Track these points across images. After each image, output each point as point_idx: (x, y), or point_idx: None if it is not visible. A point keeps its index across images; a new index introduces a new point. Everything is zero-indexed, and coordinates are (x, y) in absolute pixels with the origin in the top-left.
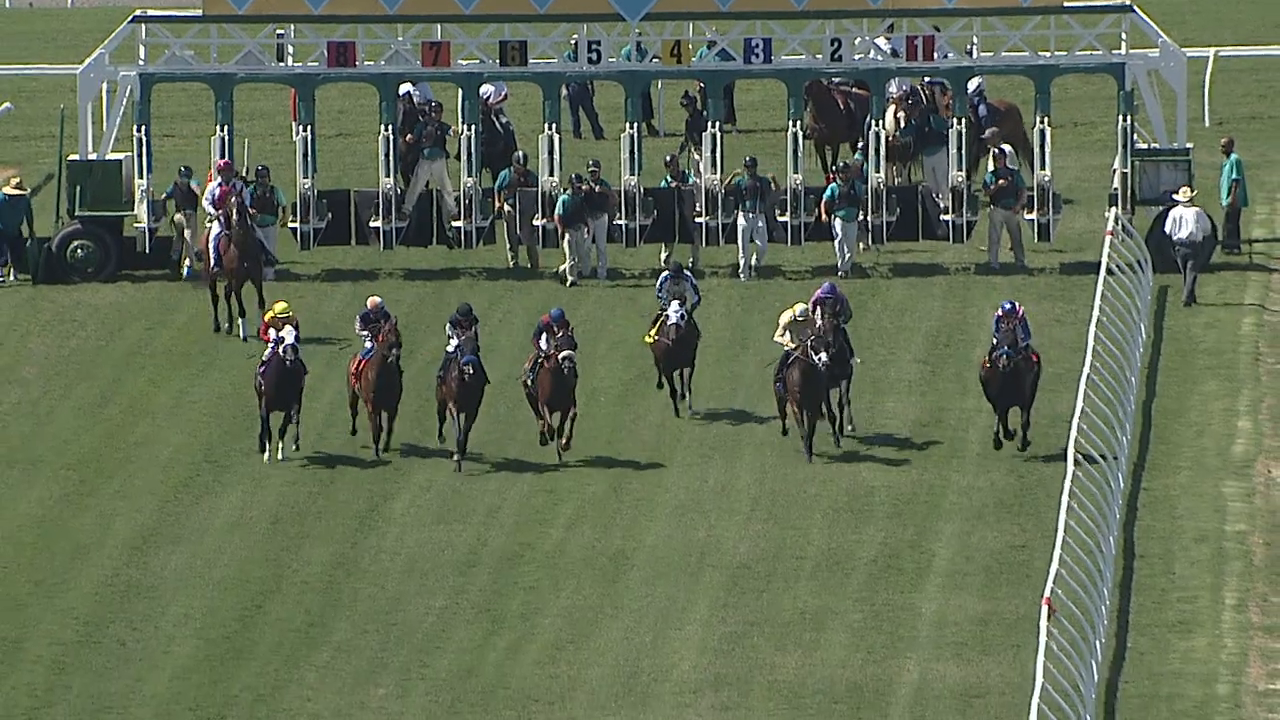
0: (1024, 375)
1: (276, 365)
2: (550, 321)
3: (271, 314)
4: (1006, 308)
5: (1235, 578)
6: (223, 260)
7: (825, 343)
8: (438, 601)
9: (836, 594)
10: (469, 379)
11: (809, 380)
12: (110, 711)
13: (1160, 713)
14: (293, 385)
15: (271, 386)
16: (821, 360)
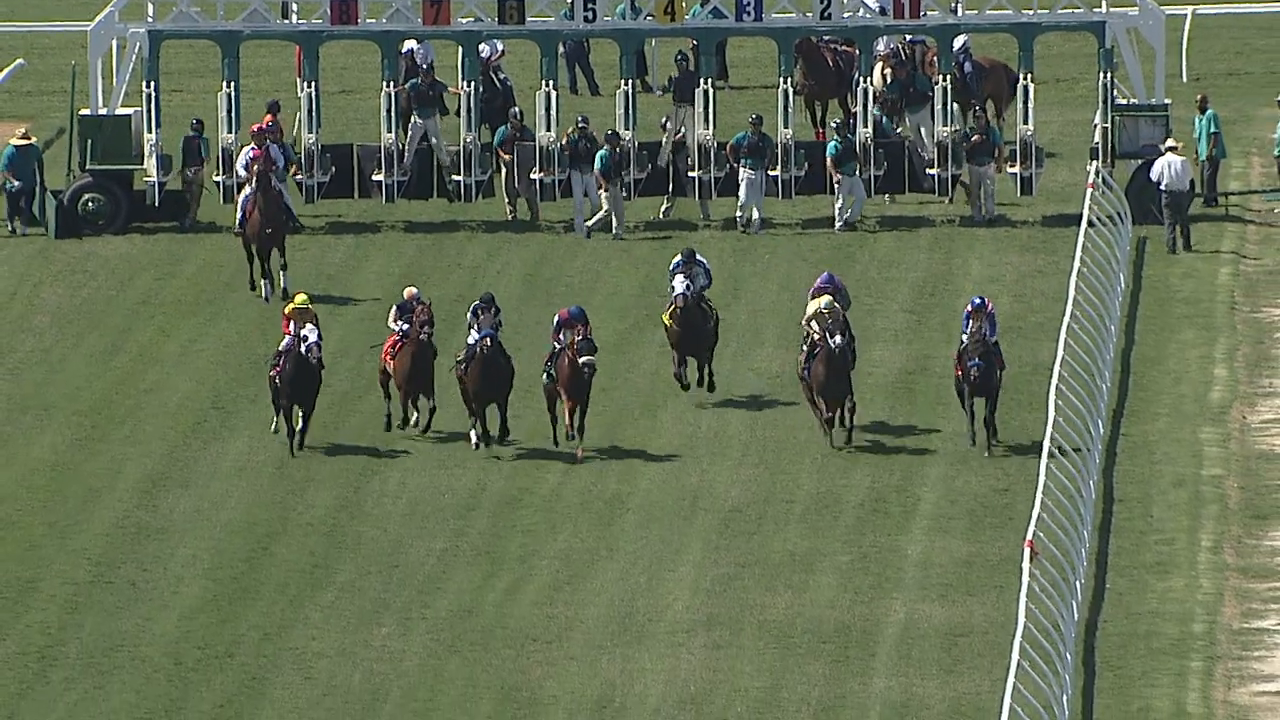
0: (992, 373)
1: (296, 361)
2: (569, 318)
3: (292, 306)
4: (976, 303)
5: (1211, 520)
6: (247, 223)
7: (840, 326)
8: (438, 544)
9: (825, 537)
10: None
11: (831, 369)
12: (121, 649)
13: (1138, 651)
14: (309, 384)
15: (288, 381)
16: (836, 343)
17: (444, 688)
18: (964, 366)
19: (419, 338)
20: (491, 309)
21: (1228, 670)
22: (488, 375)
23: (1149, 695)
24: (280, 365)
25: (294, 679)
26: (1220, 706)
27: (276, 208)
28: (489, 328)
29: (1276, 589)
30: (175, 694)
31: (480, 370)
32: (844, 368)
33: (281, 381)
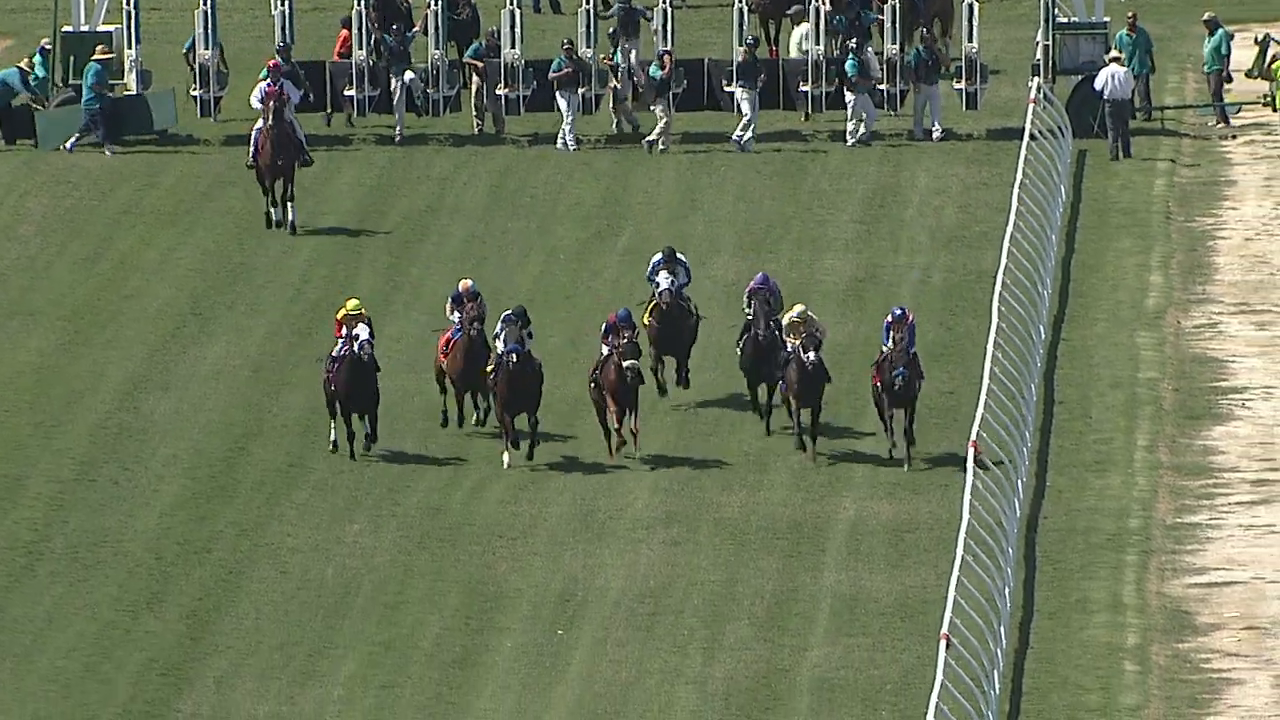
0: (911, 385)
1: (349, 364)
2: (616, 322)
3: (344, 311)
4: (897, 314)
5: (1147, 421)
6: (259, 154)
7: (816, 341)
8: (408, 446)
9: (780, 438)
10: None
11: (804, 378)
12: (104, 545)
13: (1077, 545)
14: (366, 384)
15: (343, 385)
16: (810, 360)
17: (413, 582)
18: (884, 377)
19: (470, 334)
20: (519, 322)
21: (1162, 564)
22: (515, 388)
23: (1087, 588)
24: (334, 371)
25: (269, 573)
26: (1154, 598)
27: (288, 140)
28: (515, 342)
29: (1209, 486)
30: (156, 587)
31: (508, 384)
32: (818, 380)
33: (337, 389)
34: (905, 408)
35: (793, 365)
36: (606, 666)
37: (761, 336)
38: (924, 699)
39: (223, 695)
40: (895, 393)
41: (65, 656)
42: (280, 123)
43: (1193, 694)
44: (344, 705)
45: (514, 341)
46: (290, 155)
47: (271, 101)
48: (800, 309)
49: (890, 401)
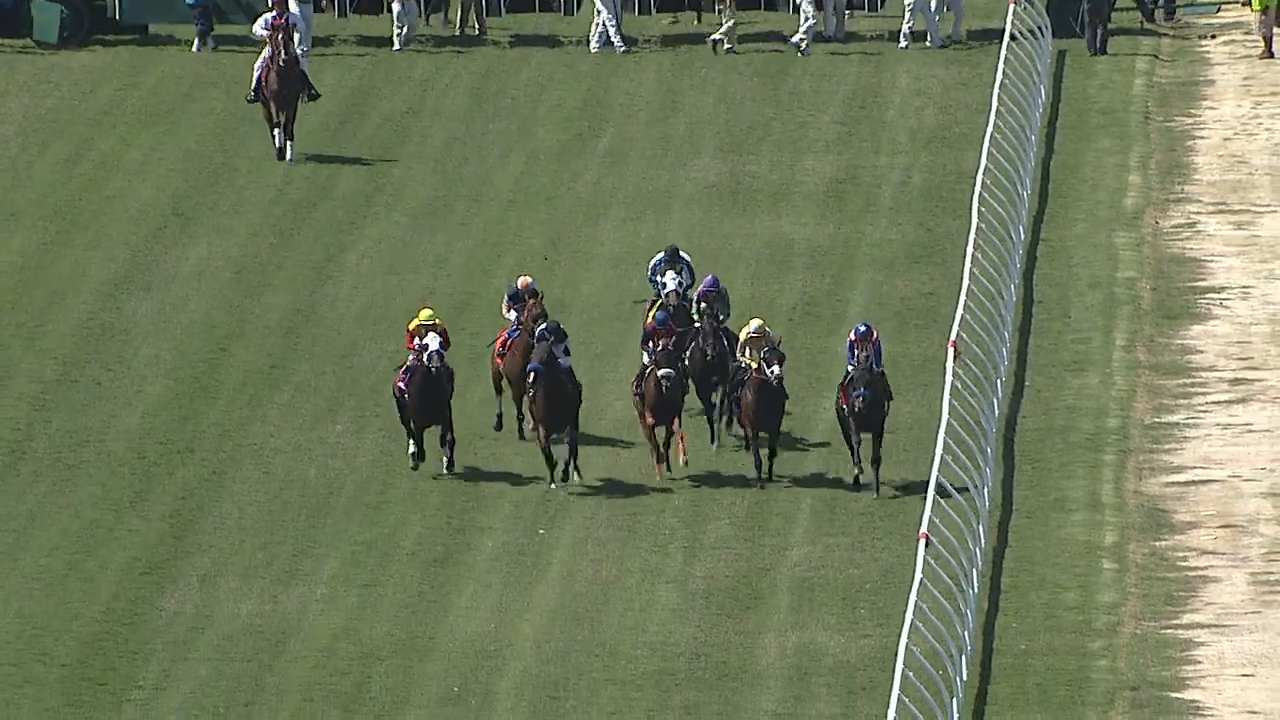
0: (880, 403)
1: (421, 375)
2: (655, 328)
3: (416, 321)
4: (861, 330)
5: (1125, 320)
6: (264, 86)
7: (778, 356)
8: (390, 346)
9: None
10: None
11: (761, 399)
12: (87, 445)
13: (1055, 444)
14: (439, 396)
15: (416, 398)
16: (775, 374)
17: (395, 482)
18: (849, 398)
19: (533, 333)
20: (548, 340)
21: (1139, 462)
22: (550, 405)
23: (1065, 486)
24: (405, 384)
25: (252, 473)
26: (1132, 496)
27: (291, 71)
28: (539, 360)
29: (1186, 385)
30: (139, 486)
31: (544, 397)
32: (778, 400)
33: (410, 401)
34: (873, 431)
35: (749, 385)
36: (587, 565)
37: (710, 355)
38: (903, 597)
39: (206, 594)
40: (861, 415)
41: (48, 555)
42: (288, 55)
43: (1169, 591)
44: (326, 604)
45: (540, 359)
46: (296, 88)
47: (279, 34)
48: (757, 323)
49: (857, 425)
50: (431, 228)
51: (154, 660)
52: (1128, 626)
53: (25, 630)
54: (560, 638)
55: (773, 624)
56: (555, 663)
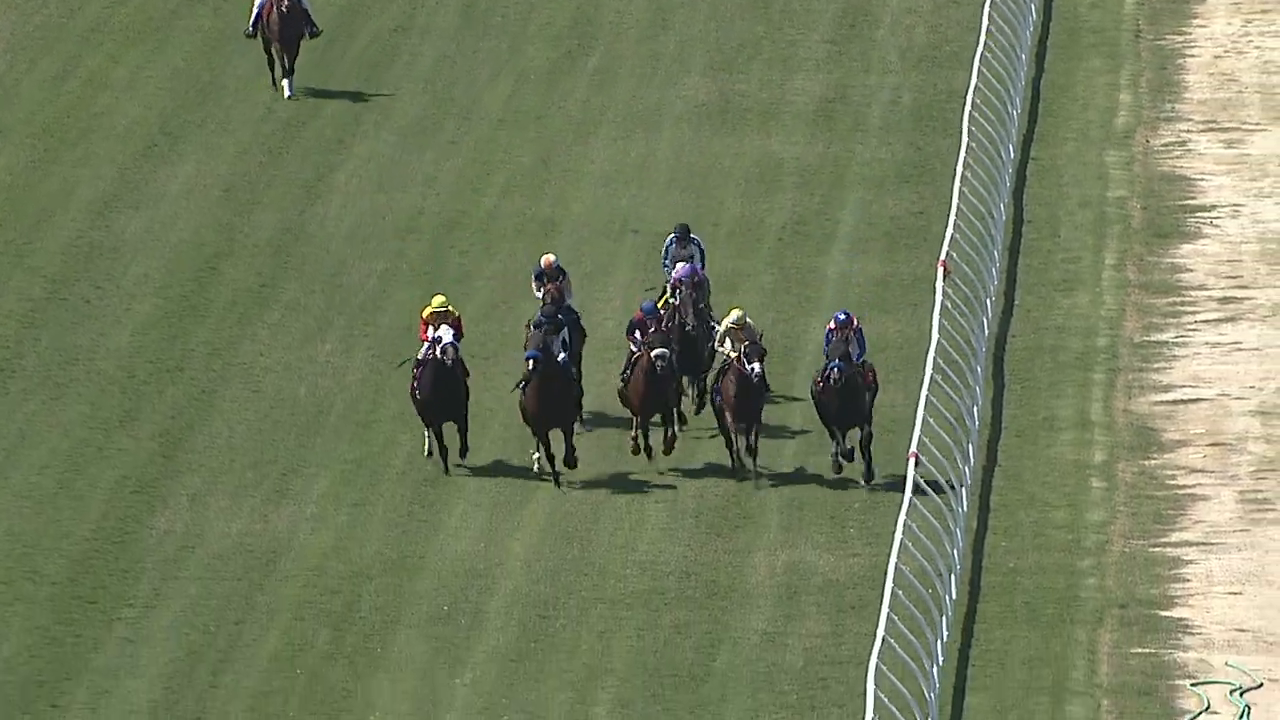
0: (860, 391)
1: (434, 369)
2: (644, 318)
3: (429, 309)
4: (841, 318)
5: (1115, 239)
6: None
7: (758, 351)
8: (379, 265)
9: (749, 258)
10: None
11: (743, 391)
12: (77, 363)
13: (1045, 364)
14: (453, 390)
15: (429, 392)
16: (755, 371)
17: (385, 401)
18: (824, 373)
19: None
20: (542, 329)
21: (1128, 381)
22: (543, 400)
23: (1055, 405)
24: (418, 377)
25: (242, 392)
26: (1121, 415)
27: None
28: (535, 347)
29: (1175, 304)
30: (129, 405)
31: (536, 394)
32: (758, 394)
33: (421, 396)
34: (858, 424)
35: (730, 376)
36: (577, 485)
37: (690, 327)
38: (892, 517)
39: (196, 513)
40: (834, 390)
41: (38, 473)
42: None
43: (1158, 510)
44: (316, 523)
45: (538, 346)
46: (298, 27)
47: None
48: (738, 314)
49: (836, 417)
50: (421, 146)
51: (144, 579)
52: (1116, 545)
53: (15, 548)
54: (550, 557)
55: (762, 543)
56: (545, 582)
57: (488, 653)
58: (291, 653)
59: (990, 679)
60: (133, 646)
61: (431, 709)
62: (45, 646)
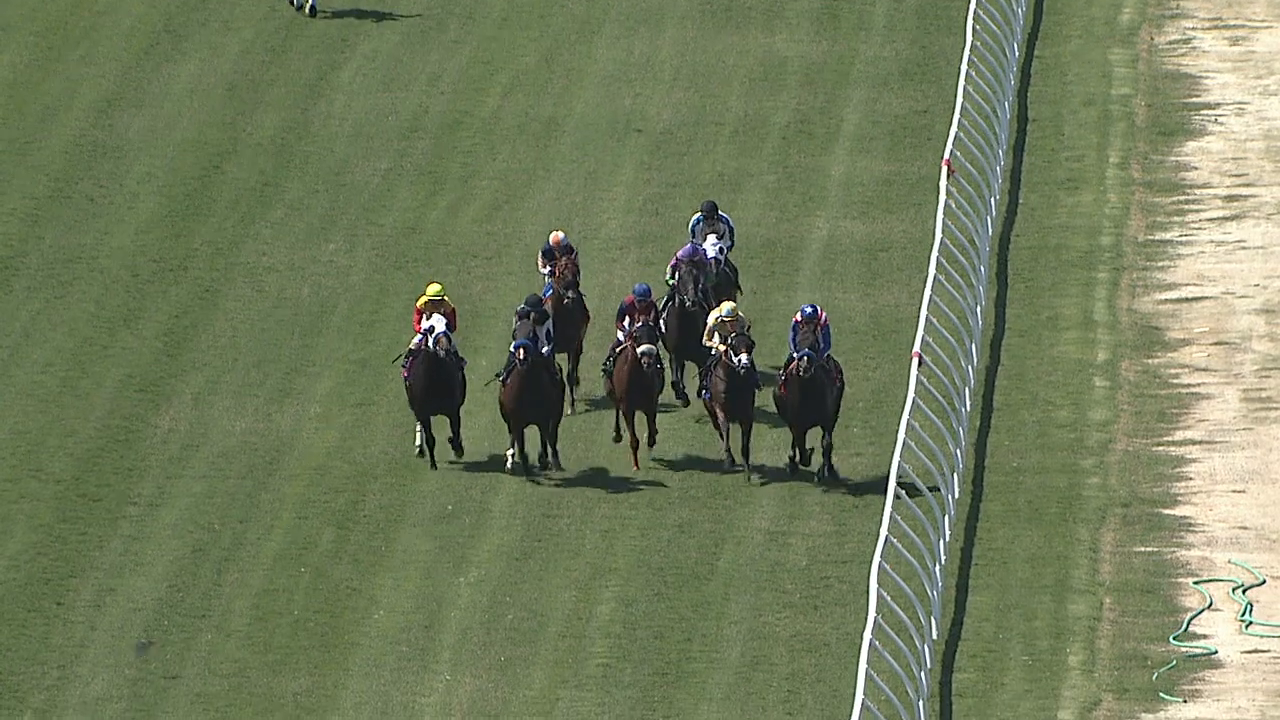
0: (824, 389)
1: (426, 361)
2: (634, 302)
3: (424, 298)
4: (807, 311)
5: (1119, 138)
6: None
7: (746, 342)
8: (383, 164)
9: (752, 157)
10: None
11: (732, 385)
12: (80, 262)
13: (1049, 263)
14: (446, 383)
15: (420, 383)
16: (742, 363)
17: (389, 301)
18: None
19: (563, 300)
20: (529, 318)
21: (1132, 280)
22: (524, 393)
23: (1058, 305)
24: (410, 368)
25: (246, 291)
26: (1125, 314)
27: None
28: (525, 336)
29: (1180, 202)
30: (133, 304)
31: (517, 388)
32: (748, 388)
33: (413, 387)
34: (821, 424)
35: (719, 371)
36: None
37: (690, 304)
38: (896, 416)
39: (200, 412)
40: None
41: (43, 371)
42: None
43: (1161, 409)
44: (321, 423)
45: (525, 336)
46: None
47: None
48: (730, 306)
49: (797, 413)
50: (424, 45)
51: (149, 477)
52: (1120, 444)
53: (20, 446)
54: None
55: (765, 442)
56: (549, 480)
57: (492, 551)
58: (296, 551)
59: (993, 578)
60: (138, 544)
61: (436, 607)
62: (51, 544)
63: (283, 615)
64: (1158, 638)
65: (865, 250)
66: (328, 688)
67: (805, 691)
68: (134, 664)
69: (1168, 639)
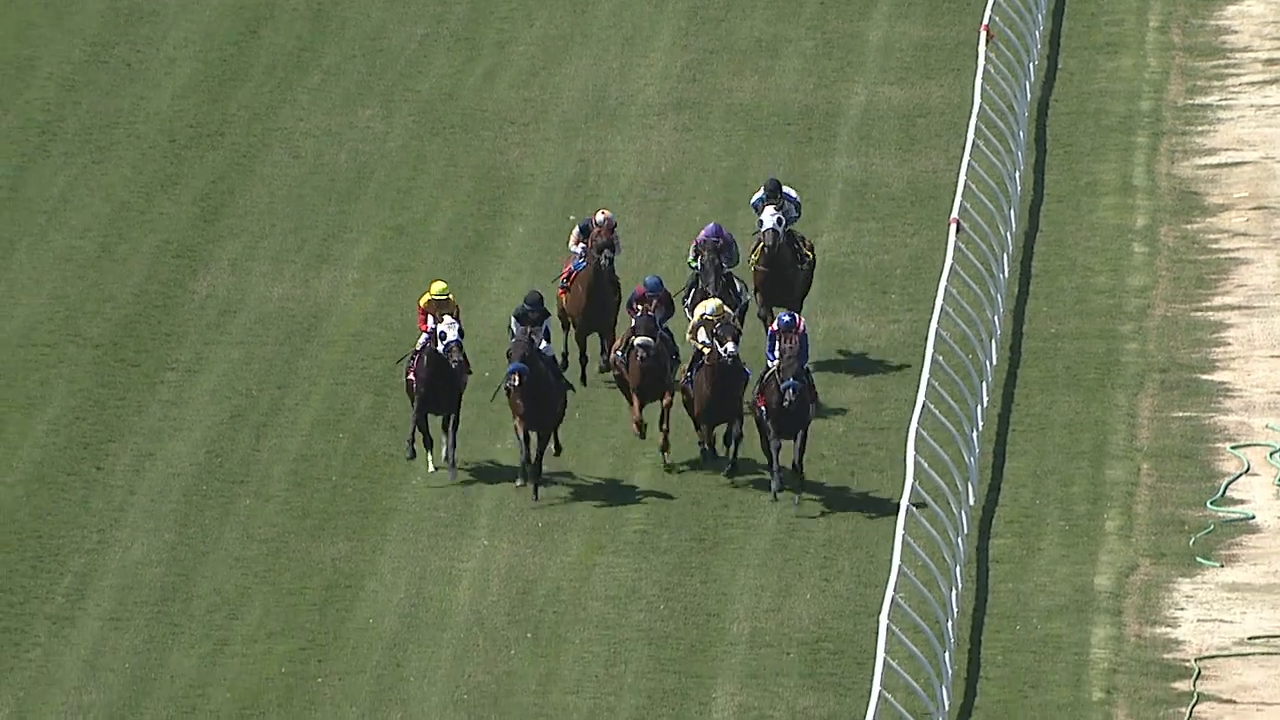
0: (806, 407)
1: (433, 362)
2: (644, 293)
3: (428, 296)
4: (785, 320)
5: (1159, 1)
6: None
7: (733, 332)
8: (419, 29)
9: (790, 23)
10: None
11: (717, 385)
12: (118, 126)
13: (1088, 128)
14: (451, 388)
15: (425, 385)
16: (728, 352)
17: (426, 167)
18: (770, 398)
19: (598, 264)
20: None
21: (1172, 145)
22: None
23: (1097, 170)
24: (414, 366)
25: (282, 157)
26: (1164, 179)
27: None
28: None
29: (1220, 66)
30: (170, 169)
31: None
32: (735, 384)
33: (417, 384)
34: (795, 435)
35: (703, 371)
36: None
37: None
38: (933, 283)
39: (237, 277)
40: (784, 411)
41: (80, 237)
42: None
43: (1200, 274)
44: (358, 289)
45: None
46: None
47: None
48: (715, 303)
49: (777, 427)
50: None
51: (186, 342)
52: (1158, 309)
53: (59, 312)
54: None
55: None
56: None
57: None
58: (334, 417)
59: (1030, 444)
60: (176, 410)
61: (473, 473)
62: (89, 409)
63: (321, 481)
64: (1195, 503)
65: (903, 116)
66: (366, 553)
67: (842, 558)
68: (173, 529)
69: (1205, 504)
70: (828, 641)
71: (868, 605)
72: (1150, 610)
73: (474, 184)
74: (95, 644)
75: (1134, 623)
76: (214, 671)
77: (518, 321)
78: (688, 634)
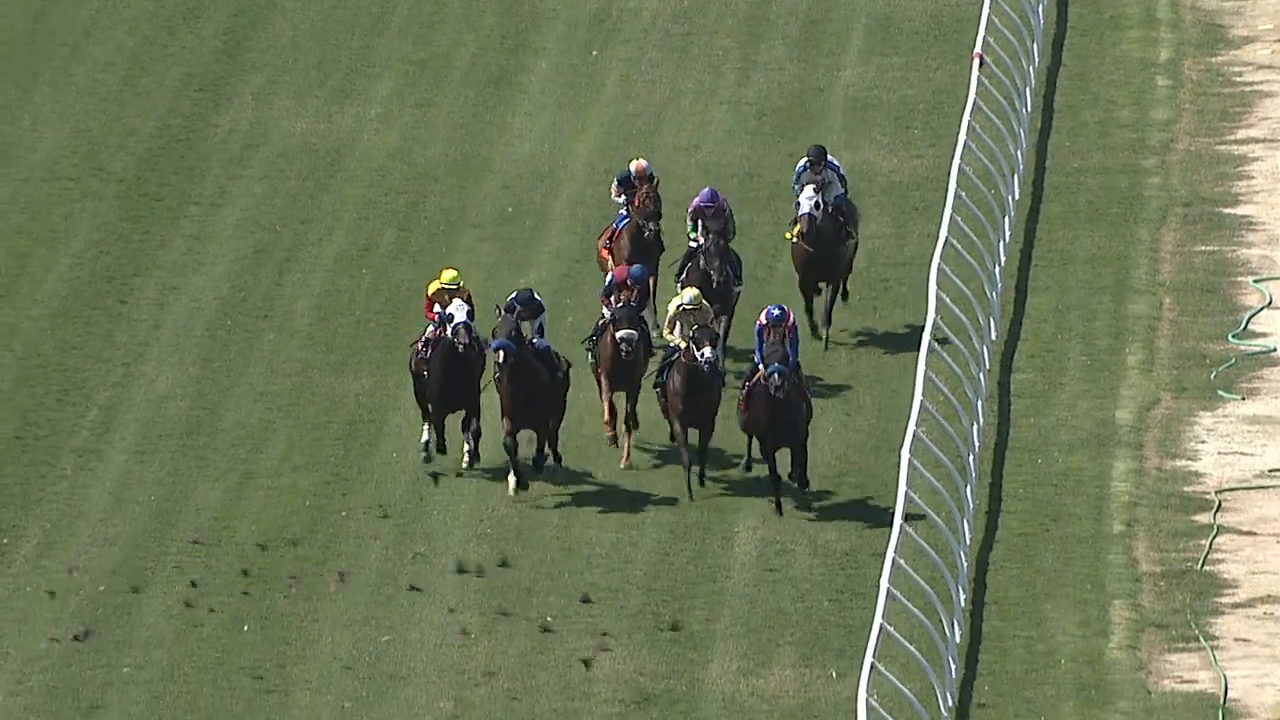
0: (796, 406)
1: (445, 352)
2: (625, 279)
3: (437, 284)
4: (774, 314)
5: None
6: None
7: (710, 335)
8: None
9: None
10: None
11: (692, 387)
12: None
13: None
14: (466, 377)
15: (438, 378)
16: (705, 357)
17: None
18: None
19: (643, 233)
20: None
21: None
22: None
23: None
24: (425, 360)
25: None
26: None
27: None
28: (505, 336)
29: None
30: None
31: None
32: (710, 388)
33: (430, 381)
34: (791, 445)
35: (677, 370)
36: (641, 86)
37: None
38: (956, 118)
39: (260, 111)
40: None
41: (103, 70)
42: None
43: (1224, 107)
44: (381, 124)
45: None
46: None
47: None
48: (693, 294)
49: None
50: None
51: (210, 176)
52: (1181, 142)
53: (82, 145)
54: (614, 159)
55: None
56: (608, 185)
57: (552, 253)
58: (357, 252)
59: (1053, 279)
60: (200, 244)
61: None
62: (114, 243)
63: (344, 316)
64: (1217, 336)
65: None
66: (389, 388)
67: (864, 393)
68: (197, 363)
69: (1226, 337)
70: (849, 476)
71: (889, 440)
72: (1171, 443)
73: (497, 18)
74: (121, 477)
75: (1155, 456)
76: (238, 505)
77: (506, 312)
78: (710, 469)
